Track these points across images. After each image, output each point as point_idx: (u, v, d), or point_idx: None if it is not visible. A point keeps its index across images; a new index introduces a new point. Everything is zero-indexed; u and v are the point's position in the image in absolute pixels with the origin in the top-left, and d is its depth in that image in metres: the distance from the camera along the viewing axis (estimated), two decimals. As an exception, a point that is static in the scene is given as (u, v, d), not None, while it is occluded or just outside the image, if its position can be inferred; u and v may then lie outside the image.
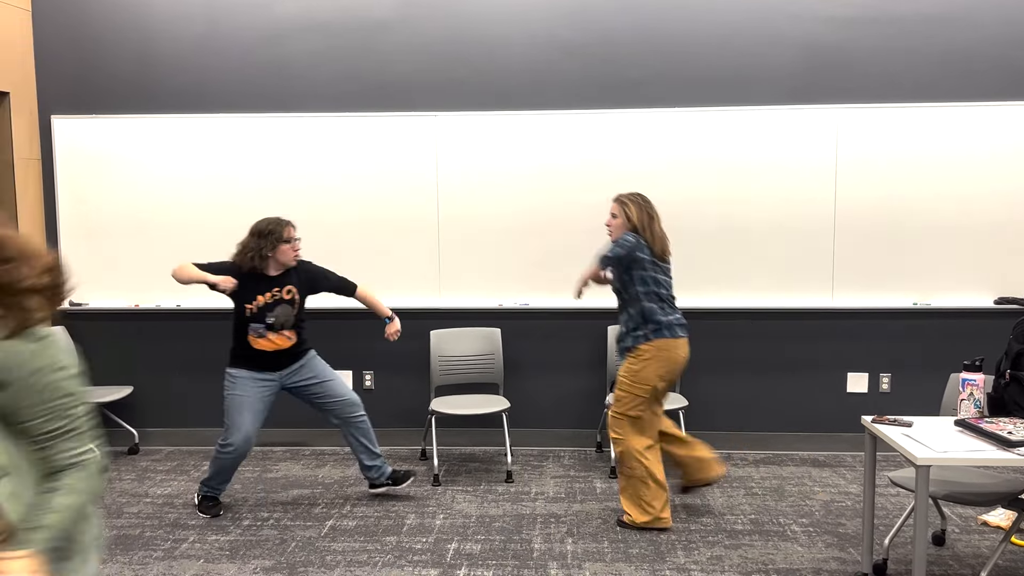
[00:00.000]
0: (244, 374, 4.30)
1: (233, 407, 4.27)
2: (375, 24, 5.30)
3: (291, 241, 4.26)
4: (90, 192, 5.45)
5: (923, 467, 2.99)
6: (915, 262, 5.23)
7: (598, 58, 5.26)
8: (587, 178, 5.28)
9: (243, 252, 4.23)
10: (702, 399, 5.39)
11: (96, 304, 5.52)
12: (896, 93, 5.18)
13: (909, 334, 5.32)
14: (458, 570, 3.72)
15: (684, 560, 3.80)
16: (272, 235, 4.20)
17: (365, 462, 4.54)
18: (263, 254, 4.20)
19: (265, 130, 5.36)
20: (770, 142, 5.21)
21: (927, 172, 5.17)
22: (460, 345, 5.31)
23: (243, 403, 4.27)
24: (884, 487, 4.70)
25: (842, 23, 5.16)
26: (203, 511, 4.40)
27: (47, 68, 5.43)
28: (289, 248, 4.26)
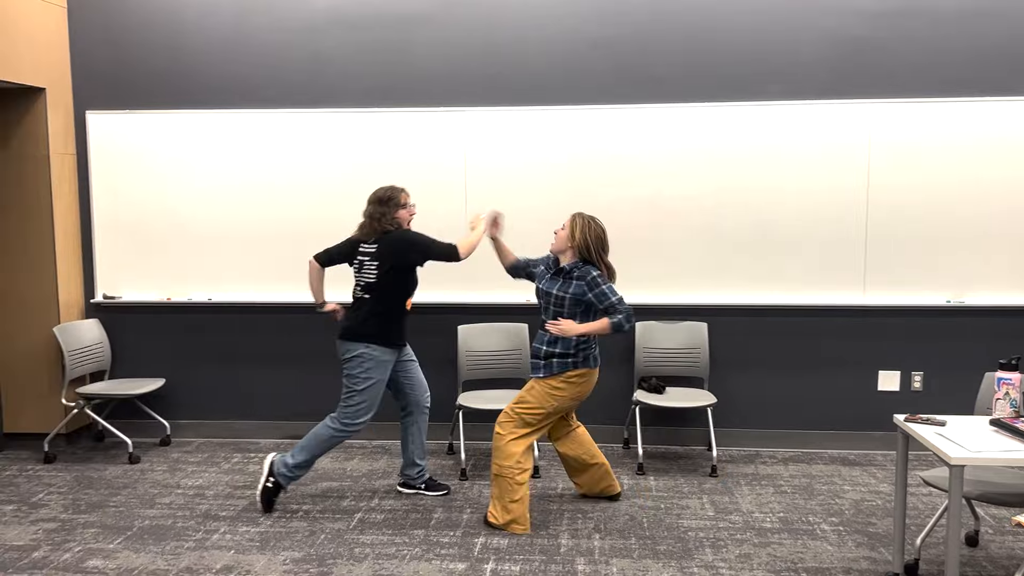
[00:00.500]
0: (386, 356, 4.28)
1: (372, 390, 4.26)
2: (406, 20, 5.32)
3: (407, 206, 4.34)
4: (123, 186, 5.52)
5: (957, 467, 2.95)
6: (949, 259, 5.16)
7: (628, 54, 5.24)
8: (616, 173, 5.26)
9: (372, 219, 4.28)
10: (730, 396, 5.36)
11: (129, 297, 5.59)
12: (930, 87, 5.11)
13: (942, 332, 5.25)
14: (485, 564, 3.73)
15: (712, 558, 3.78)
16: (391, 200, 4.28)
17: (416, 459, 4.56)
18: (389, 217, 4.26)
19: (296, 125, 5.40)
20: (801, 137, 5.16)
21: (961, 167, 5.09)
22: (487, 340, 5.31)
23: (381, 387, 4.30)
24: (915, 487, 4.65)
25: (875, 17, 5.10)
26: (265, 501, 4.30)
27: (82, 64, 5.50)
28: (406, 213, 4.32)
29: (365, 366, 4.24)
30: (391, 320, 4.28)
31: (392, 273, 4.25)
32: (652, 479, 4.84)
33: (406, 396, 4.51)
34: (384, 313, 4.26)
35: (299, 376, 5.59)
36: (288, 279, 5.46)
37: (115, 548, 3.93)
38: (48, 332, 5.33)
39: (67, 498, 4.60)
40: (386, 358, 4.28)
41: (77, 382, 5.42)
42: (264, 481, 4.33)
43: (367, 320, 4.25)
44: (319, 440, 4.29)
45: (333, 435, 4.28)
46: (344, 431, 4.28)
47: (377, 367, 4.26)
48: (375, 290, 4.26)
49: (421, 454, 4.57)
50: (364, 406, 4.27)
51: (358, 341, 4.25)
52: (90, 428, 5.67)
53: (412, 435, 4.54)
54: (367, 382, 4.24)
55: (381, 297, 4.26)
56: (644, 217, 5.26)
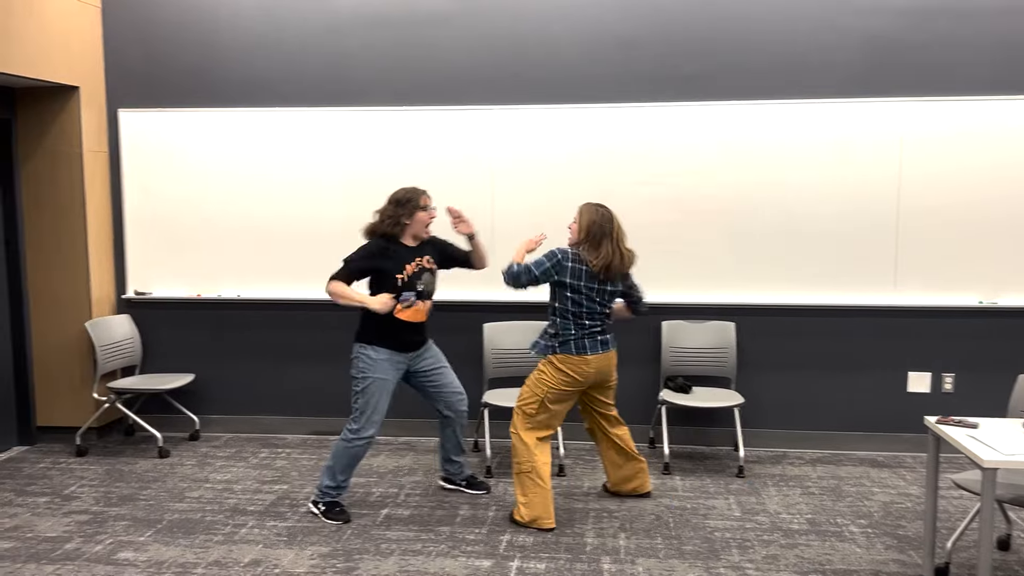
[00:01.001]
0: (384, 356, 4.17)
1: (374, 391, 4.14)
2: (432, 18, 5.33)
3: (427, 209, 4.25)
4: (154, 183, 5.58)
5: (989, 470, 2.92)
6: (981, 259, 5.09)
7: (655, 52, 5.22)
8: (644, 171, 5.24)
9: (381, 219, 4.21)
10: (758, 396, 5.33)
11: (159, 293, 5.66)
12: (963, 85, 5.04)
13: (974, 333, 5.18)
14: (511, 562, 3.74)
15: (739, 559, 3.76)
16: (410, 203, 4.18)
17: (453, 457, 4.56)
18: (400, 221, 4.18)
19: (323, 124, 5.44)
20: (831, 137, 5.11)
21: (994, 166, 5.02)
22: (513, 338, 5.32)
23: (384, 387, 4.17)
24: (945, 489, 4.60)
25: (906, 14, 5.04)
26: (332, 518, 4.21)
27: (115, 62, 5.57)
28: (425, 215, 4.24)
29: (360, 366, 4.16)
30: (378, 323, 4.16)
31: None
32: (678, 479, 4.82)
33: (436, 402, 4.45)
34: (370, 315, 4.17)
35: (326, 372, 5.63)
36: (315, 276, 5.48)
37: (145, 541, 3.99)
38: (80, 327, 5.40)
39: (98, 491, 4.67)
40: (382, 358, 4.16)
41: (108, 377, 5.49)
42: (320, 513, 4.25)
43: (361, 321, 4.23)
44: (338, 454, 4.22)
45: (346, 446, 4.17)
46: (354, 439, 4.15)
47: (373, 367, 4.14)
48: None
49: (458, 451, 4.57)
50: (366, 410, 4.14)
51: (357, 342, 4.22)
52: (121, 422, 5.74)
53: (447, 437, 4.53)
54: (364, 382, 4.15)
55: None
56: (671, 215, 5.24)
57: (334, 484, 4.25)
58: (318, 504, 4.28)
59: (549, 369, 4.09)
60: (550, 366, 4.09)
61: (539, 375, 4.12)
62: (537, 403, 4.10)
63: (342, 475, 4.24)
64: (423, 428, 5.50)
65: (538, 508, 4.06)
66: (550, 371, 4.08)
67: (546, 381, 4.09)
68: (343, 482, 4.26)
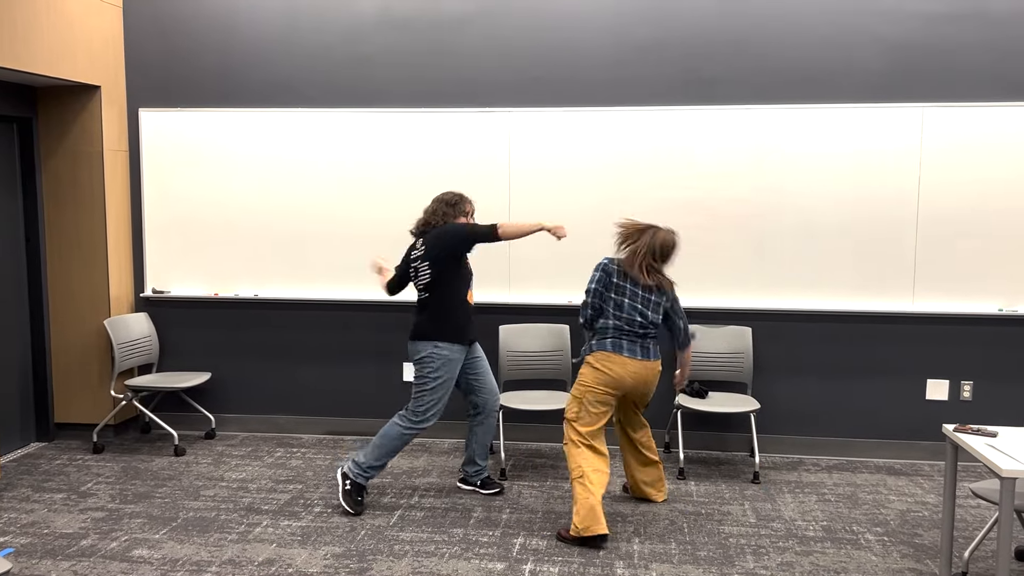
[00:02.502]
0: (457, 353, 4.31)
1: (441, 388, 4.28)
2: (453, 21, 5.34)
3: (469, 215, 4.41)
4: (173, 183, 5.62)
5: (1008, 479, 2.89)
6: (1001, 267, 5.04)
7: (675, 56, 5.20)
8: (662, 175, 5.23)
9: (434, 213, 4.36)
10: (774, 402, 5.30)
11: (177, 292, 5.69)
12: (984, 92, 5.00)
13: (994, 341, 5.13)
14: (524, 565, 3.73)
15: (754, 565, 3.74)
16: (457, 206, 4.37)
17: (478, 460, 4.59)
18: (447, 220, 4.34)
19: (343, 125, 5.45)
20: (851, 141, 5.08)
21: (1015, 174, 4.97)
22: (529, 341, 5.31)
23: (450, 386, 4.33)
24: (962, 498, 4.55)
25: (927, 20, 5.00)
26: (349, 503, 4.28)
27: (136, 62, 5.61)
28: (465, 221, 4.39)
29: (434, 365, 4.26)
30: (453, 315, 4.30)
31: (442, 265, 4.27)
32: (693, 484, 4.80)
33: (476, 397, 4.53)
34: (446, 308, 4.30)
35: (342, 372, 5.65)
36: (333, 276, 5.52)
37: (160, 539, 4.01)
38: (99, 325, 5.45)
39: (115, 488, 4.70)
40: (455, 356, 4.30)
41: (126, 374, 5.53)
42: (342, 488, 4.31)
43: (430, 318, 4.29)
44: (389, 439, 4.29)
45: (403, 432, 4.28)
46: (413, 428, 4.29)
47: (445, 365, 4.27)
48: (433, 288, 4.29)
49: (483, 454, 4.60)
50: (434, 405, 4.28)
51: (425, 340, 4.28)
52: (137, 420, 5.78)
53: (476, 435, 4.57)
54: (436, 381, 4.27)
55: (439, 293, 4.29)
56: (689, 220, 5.22)
57: (378, 464, 4.31)
58: (347, 479, 4.31)
59: (587, 369, 4.11)
60: (587, 366, 4.11)
61: (579, 377, 4.14)
62: (577, 405, 4.10)
63: (386, 458, 4.32)
64: (437, 430, 5.50)
65: (587, 516, 3.92)
66: (587, 371, 4.10)
67: (584, 381, 4.09)
68: (382, 465, 4.33)
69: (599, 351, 4.08)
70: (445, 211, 4.35)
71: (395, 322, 5.49)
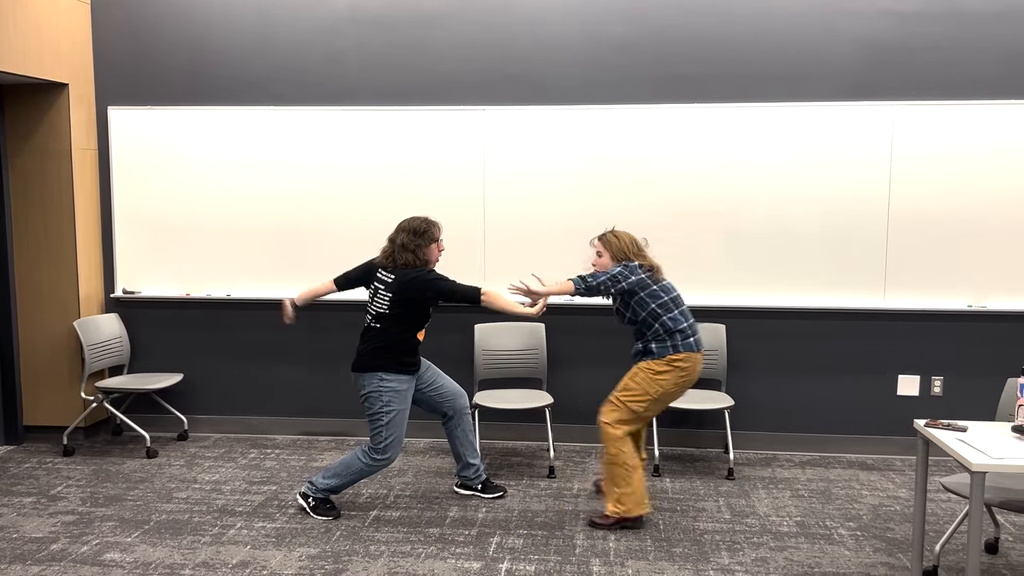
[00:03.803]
0: (404, 384, 4.18)
1: (397, 421, 4.16)
2: (426, 19, 5.32)
3: (438, 241, 4.26)
4: (144, 182, 5.55)
5: (978, 473, 2.92)
6: (970, 263, 5.11)
7: (649, 55, 5.22)
8: (636, 174, 5.25)
9: (401, 248, 4.16)
10: (748, 399, 5.33)
11: (148, 292, 5.63)
12: (953, 90, 5.06)
13: (963, 337, 5.20)
14: (500, 564, 3.73)
15: (728, 561, 3.76)
16: (427, 234, 4.19)
17: (469, 459, 4.54)
18: (420, 252, 4.17)
19: (315, 123, 5.42)
20: (824, 139, 5.12)
21: (985, 171, 5.04)
22: (504, 340, 5.31)
23: (405, 416, 4.20)
24: (934, 492, 4.61)
25: (899, 19, 5.05)
26: (323, 513, 4.25)
27: (104, 60, 5.54)
28: (435, 247, 4.25)
29: (384, 399, 4.14)
30: (399, 348, 4.17)
31: (407, 307, 4.15)
32: (668, 481, 4.82)
33: (441, 406, 4.46)
34: (394, 344, 4.15)
35: (316, 372, 5.61)
36: (306, 276, 5.48)
37: (132, 542, 3.96)
38: (68, 326, 5.37)
39: (85, 491, 4.64)
40: (403, 387, 4.18)
41: (96, 376, 5.46)
42: (308, 507, 4.27)
43: (377, 350, 4.15)
44: (351, 472, 4.21)
45: (364, 468, 4.19)
46: (376, 465, 4.19)
47: (396, 397, 4.16)
48: (386, 320, 4.15)
49: (473, 453, 4.55)
50: (393, 439, 4.17)
51: (371, 371, 4.15)
52: (108, 422, 5.71)
53: (458, 437, 4.52)
54: (390, 415, 4.15)
55: (392, 327, 4.15)
56: (663, 218, 5.24)
57: (335, 490, 4.26)
58: (308, 498, 4.27)
59: (667, 368, 4.06)
60: (668, 368, 4.05)
61: (655, 375, 4.07)
62: (648, 401, 4.09)
63: (344, 487, 4.26)
64: (412, 430, 5.48)
65: (636, 496, 4.07)
66: (668, 370, 4.06)
67: (663, 381, 4.06)
68: (339, 491, 4.29)
69: (685, 352, 4.06)
70: (416, 243, 4.16)
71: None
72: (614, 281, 4.06)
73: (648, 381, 4.07)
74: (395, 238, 4.22)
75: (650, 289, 4.08)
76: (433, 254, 4.24)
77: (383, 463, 4.20)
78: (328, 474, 4.24)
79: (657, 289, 4.09)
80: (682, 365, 4.05)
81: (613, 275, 4.07)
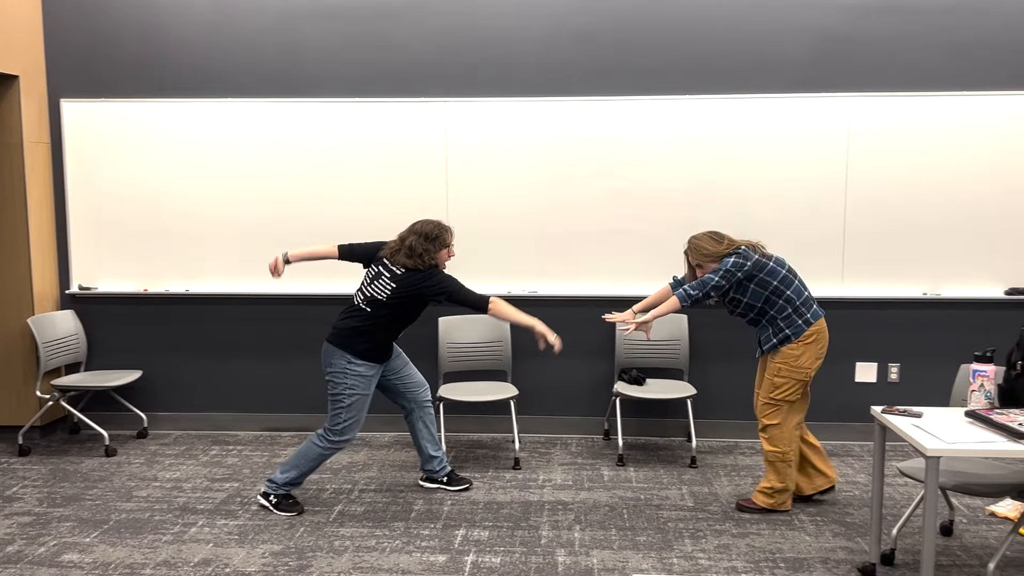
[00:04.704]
0: (371, 371, 4.16)
1: (358, 405, 4.13)
2: (386, 10, 5.28)
3: (449, 247, 4.22)
4: (99, 176, 5.45)
5: (933, 458, 2.98)
6: (925, 252, 5.20)
7: (609, 46, 5.23)
8: (597, 166, 5.26)
9: (410, 251, 4.11)
10: (710, 388, 5.39)
11: (105, 288, 5.53)
12: (909, 82, 5.15)
13: (919, 324, 5.30)
14: (466, 556, 3.73)
15: (691, 548, 3.81)
16: (439, 240, 4.15)
17: (430, 452, 4.51)
18: (426, 256, 4.11)
19: (274, 115, 5.35)
20: (781, 131, 5.18)
21: (938, 162, 5.14)
22: (468, 332, 5.30)
23: (366, 402, 4.17)
24: (892, 477, 4.70)
25: (855, 12, 5.12)
26: (285, 510, 4.21)
27: (56, 51, 5.42)
28: (446, 253, 4.21)
29: (348, 382, 4.11)
30: (380, 339, 4.15)
31: (405, 300, 4.11)
32: (632, 470, 4.86)
33: (403, 397, 4.44)
34: (376, 332, 4.12)
35: (277, 368, 5.56)
36: (265, 271, 5.41)
37: (91, 542, 3.90)
38: (22, 323, 5.26)
39: (42, 491, 4.55)
40: (369, 373, 4.16)
41: (52, 374, 5.36)
42: (271, 505, 4.23)
43: (357, 331, 4.11)
44: (308, 458, 4.18)
45: (321, 452, 4.16)
46: (331, 448, 4.16)
47: (360, 383, 4.13)
48: (379, 307, 4.11)
49: (435, 446, 4.52)
50: (351, 422, 4.14)
51: (343, 351, 4.11)
52: (65, 420, 5.61)
53: (419, 431, 4.49)
54: (351, 398, 4.12)
55: (381, 316, 4.11)
56: (624, 209, 5.27)
57: (295, 482, 4.23)
58: (269, 497, 4.24)
59: (802, 347, 4.05)
60: (802, 344, 4.05)
61: (794, 360, 4.06)
62: (800, 386, 4.09)
63: (303, 477, 4.23)
64: (377, 424, 5.46)
65: (783, 496, 4.13)
66: (803, 348, 4.05)
67: (804, 362, 4.06)
68: (299, 483, 4.26)
69: (815, 321, 4.06)
70: (425, 247, 4.10)
71: (332, 316, 5.41)
72: (729, 277, 4.01)
73: (793, 371, 4.07)
74: (405, 238, 4.17)
75: (768, 267, 4.05)
76: (443, 259, 4.21)
77: (339, 445, 4.16)
78: (286, 467, 4.21)
79: (773, 265, 4.06)
80: (816, 338, 4.06)
81: (725, 272, 4.01)
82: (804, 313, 4.06)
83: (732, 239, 4.16)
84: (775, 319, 4.09)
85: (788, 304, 4.06)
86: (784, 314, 4.07)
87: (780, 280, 4.05)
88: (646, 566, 3.63)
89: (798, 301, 4.06)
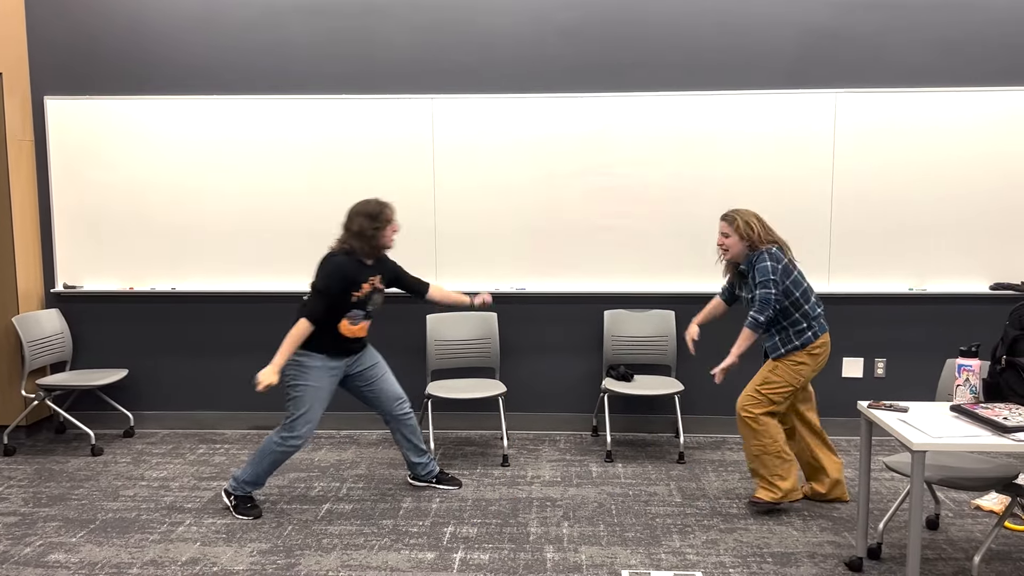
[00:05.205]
0: (319, 363, 4.07)
1: (308, 397, 4.05)
2: (371, 6, 5.26)
3: (392, 222, 4.13)
4: (84, 174, 5.41)
5: (919, 452, 3.00)
6: (911, 247, 5.23)
7: (595, 42, 5.23)
8: (583, 162, 5.26)
9: (360, 235, 4.03)
10: (698, 384, 5.40)
11: (90, 287, 5.50)
12: (895, 78, 5.17)
13: (905, 319, 5.33)
14: (454, 553, 3.73)
15: (680, 544, 3.82)
16: (381, 216, 4.05)
17: (412, 459, 4.48)
18: (376, 236, 4.05)
19: (260, 112, 5.33)
20: (767, 127, 5.19)
21: (924, 158, 5.16)
22: (456, 329, 5.30)
23: (318, 394, 4.07)
24: (878, 471, 4.72)
25: (841, 7, 5.14)
26: (243, 513, 4.14)
27: (40, 48, 5.38)
28: (391, 229, 4.12)
29: (292, 372, 4.06)
30: (320, 332, 4.04)
31: None
32: (620, 466, 4.86)
33: (378, 409, 4.38)
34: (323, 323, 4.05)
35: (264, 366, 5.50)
36: (253, 268, 5.40)
37: (78, 542, 3.88)
38: (7, 322, 5.22)
39: (28, 491, 4.52)
40: (316, 364, 4.07)
41: (37, 373, 5.32)
42: (230, 505, 4.18)
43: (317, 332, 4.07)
44: (263, 454, 4.11)
45: (275, 450, 4.08)
46: (284, 445, 4.07)
47: (307, 374, 4.05)
48: None
49: (416, 453, 4.48)
50: (301, 417, 4.06)
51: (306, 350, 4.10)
52: (51, 420, 5.57)
53: (399, 440, 4.45)
54: (298, 390, 4.05)
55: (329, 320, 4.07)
56: (612, 205, 5.27)
57: (253, 480, 4.16)
58: (230, 496, 4.20)
59: (808, 357, 4.06)
60: (808, 355, 4.06)
61: (798, 366, 4.06)
62: (790, 391, 4.09)
63: (263, 475, 4.16)
64: (365, 421, 5.45)
65: (786, 486, 4.09)
66: (809, 359, 4.06)
67: (804, 370, 4.07)
68: (260, 483, 4.18)
69: (822, 334, 4.07)
70: (375, 226, 4.03)
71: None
72: (776, 287, 3.99)
73: (791, 374, 4.08)
74: (350, 225, 4.08)
75: (793, 276, 4.05)
76: (389, 236, 4.14)
77: (291, 442, 4.06)
78: (246, 465, 4.17)
79: (798, 275, 4.06)
80: (820, 351, 4.08)
81: (772, 282, 3.98)
82: (814, 326, 4.08)
83: (773, 234, 4.12)
84: (786, 329, 4.10)
85: (804, 319, 4.07)
86: (798, 328, 4.07)
87: (802, 293, 4.05)
88: (634, 562, 3.64)
89: (812, 315, 4.08)
